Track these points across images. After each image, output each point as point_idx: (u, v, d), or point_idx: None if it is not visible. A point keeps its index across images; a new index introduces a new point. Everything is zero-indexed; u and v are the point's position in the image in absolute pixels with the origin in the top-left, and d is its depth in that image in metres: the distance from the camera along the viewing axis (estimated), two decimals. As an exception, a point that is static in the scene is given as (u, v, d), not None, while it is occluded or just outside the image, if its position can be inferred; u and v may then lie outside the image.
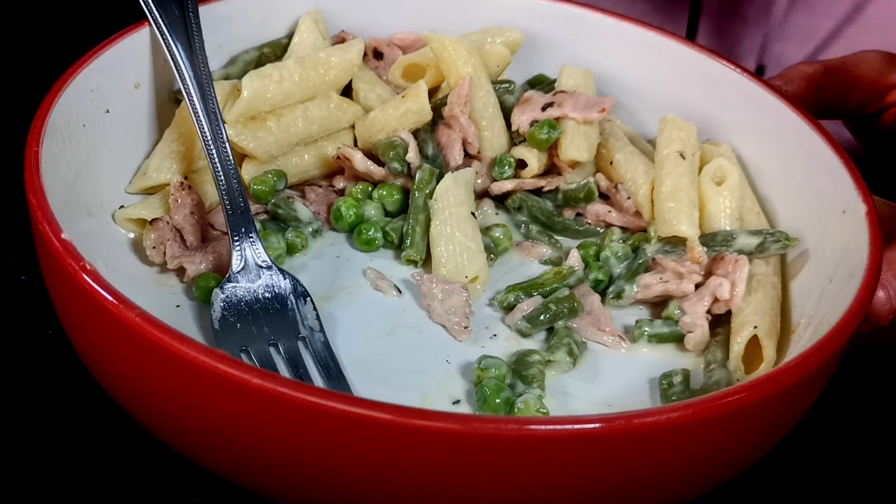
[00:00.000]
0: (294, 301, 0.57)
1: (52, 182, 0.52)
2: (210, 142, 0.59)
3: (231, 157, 0.60)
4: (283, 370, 0.53)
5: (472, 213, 0.63)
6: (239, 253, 0.57)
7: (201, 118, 0.60)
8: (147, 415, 0.49)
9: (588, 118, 0.67)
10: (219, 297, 0.55)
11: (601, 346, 0.59)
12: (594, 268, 0.63)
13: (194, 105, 0.60)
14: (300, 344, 0.55)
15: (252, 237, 0.58)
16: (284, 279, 0.57)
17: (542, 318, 0.59)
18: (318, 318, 0.57)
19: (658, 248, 0.63)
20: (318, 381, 0.53)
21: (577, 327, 0.60)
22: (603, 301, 0.62)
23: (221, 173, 0.59)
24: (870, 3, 0.88)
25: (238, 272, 0.57)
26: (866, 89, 0.71)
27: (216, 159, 0.59)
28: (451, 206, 0.62)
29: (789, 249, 0.63)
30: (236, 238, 0.58)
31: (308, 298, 0.57)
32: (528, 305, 0.60)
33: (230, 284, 0.56)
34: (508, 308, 0.60)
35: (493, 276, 0.63)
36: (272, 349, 0.54)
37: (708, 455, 0.47)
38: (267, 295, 0.56)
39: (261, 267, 0.57)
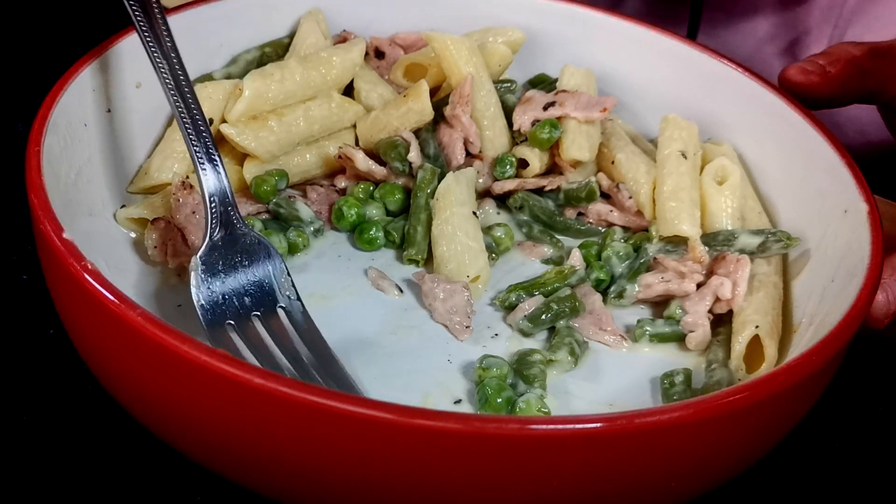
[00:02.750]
0: (272, 269, 0.56)
1: (53, 181, 0.52)
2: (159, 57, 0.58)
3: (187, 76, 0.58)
4: (274, 349, 0.53)
5: (474, 213, 0.63)
6: (214, 209, 0.56)
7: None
8: (148, 414, 0.49)
9: (589, 118, 0.67)
10: (199, 269, 0.54)
11: (603, 345, 0.59)
12: (596, 267, 0.63)
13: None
14: (281, 313, 0.55)
15: (217, 163, 0.56)
16: (259, 243, 0.56)
17: (543, 317, 0.59)
18: (293, 284, 0.56)
19: (659, 248, 0.63)
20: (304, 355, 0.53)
21: (579, 327, 0.60)
22: (604, 300, 0.62)
23: (174, 89, 0.57)
24: None
25: (215, 237, 0.55)
26: None
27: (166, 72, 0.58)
28: (453, 206, 0.62)
29: (791, 249, 0.63)
30: (202, 162, 0.56)
31: (280, 261, 0.56)
32: (529, 305, 0.60)
33: (207, 255, 0.55)
34: (510, 307, 0.60)
35: (494, 276, 0.63)
36: (256, 321, 0.54)
37: (709, 455, 0.47)
38: (245, 263, 0.56)
39: (236, 227, 0.56)
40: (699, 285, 0.61)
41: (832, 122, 0.88)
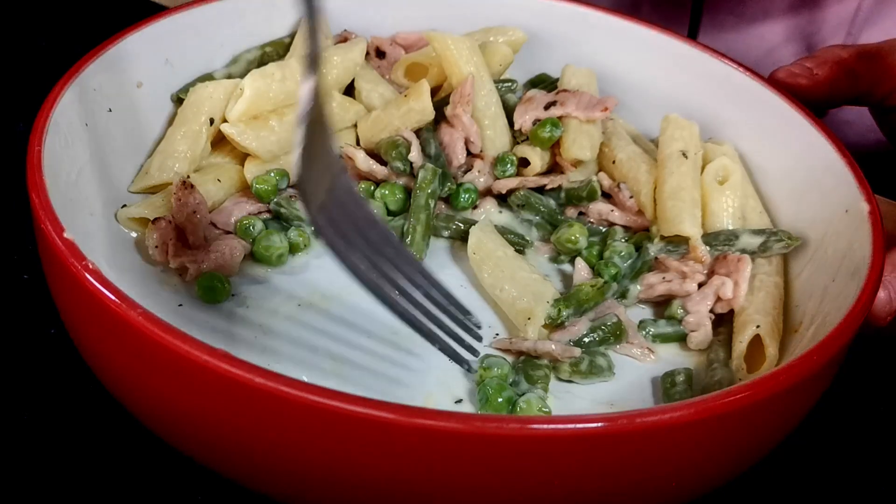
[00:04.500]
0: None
1: (54, 181, 0.52)
2: None
3: None
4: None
5: (517, 251, 0.63)
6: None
7: None
8: (149, 414, 0.49)
9: (591, 117, 0.67)
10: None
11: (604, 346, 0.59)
12: (601, 268, 0.63)
13: None
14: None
15: None
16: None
17: (588, 340, 0.58)
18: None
19: (661, 248, 0.63)
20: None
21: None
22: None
23: None
24: None
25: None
26: None
27: None
28: (494, 252, 0.62)
29: (792, 249, 0.62)
30: None
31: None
32: (577, 328, 0.58)
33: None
34: (553, 324, 0.59)
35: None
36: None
37: (710, 455, 0.47)
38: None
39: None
40: (700, 285, 0.61)
41: (835, 120, 0.88)
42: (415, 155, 0.66)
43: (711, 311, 0.60)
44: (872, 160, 0.68)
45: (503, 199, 0.69)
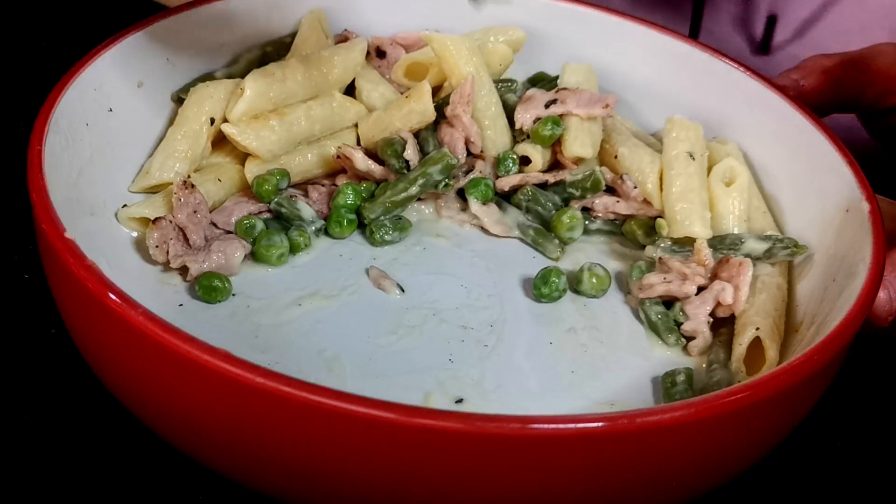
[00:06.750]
0: None
1: (54, 181, 0.52)
2: None
3: None
4: None
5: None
6: None
7: None
8: (150, 413, 0.49)
9: (591, 114, 0.67)
10: None
11: (604, 346, 0.59)
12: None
13: None
14: None
15: None
16: None
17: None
18: None
19: (665, 248, 0.63)
20: None
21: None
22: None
23: None
24: None
25: None
26: (883, 84, 0.70)
27: None
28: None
29: (797, 257, 0.62)
30: None
31: None
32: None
33: None
34: None
35: (499, 272, 0.63)
36: None
37: (710, 454, 0.47)
38: None
39: None
40: (702, 288, 0.61)
41: (835, 119, 0.88)
42: (410, 153, 0.65)
43: (712, 315, 0.60)
44: (872, 160, 0.69)
45: (507, 199, 0.68)
